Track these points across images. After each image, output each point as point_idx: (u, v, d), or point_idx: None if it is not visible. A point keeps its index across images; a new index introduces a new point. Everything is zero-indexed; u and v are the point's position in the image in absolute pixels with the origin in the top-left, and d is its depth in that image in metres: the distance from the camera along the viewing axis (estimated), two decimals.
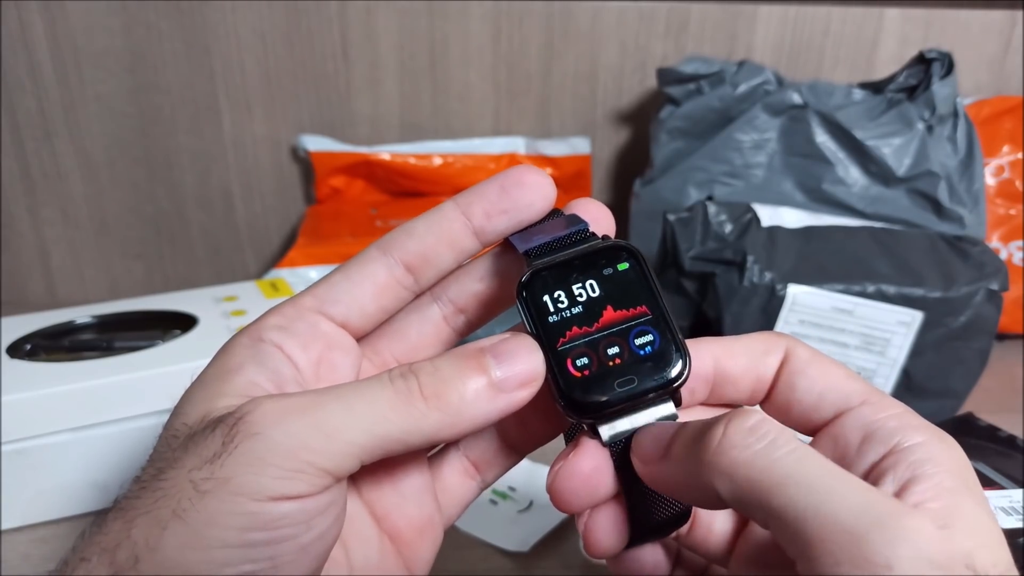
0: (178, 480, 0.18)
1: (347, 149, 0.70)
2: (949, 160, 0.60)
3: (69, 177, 0.70)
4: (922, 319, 0.49)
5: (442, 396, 0.20)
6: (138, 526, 0.18)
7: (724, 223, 0.53)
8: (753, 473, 0.17)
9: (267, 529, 0.18)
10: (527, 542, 0.40)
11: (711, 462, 0.18)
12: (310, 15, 0.67)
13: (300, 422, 0.19)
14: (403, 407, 0.20)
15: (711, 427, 0.19)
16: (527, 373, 0.21)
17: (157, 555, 0.18)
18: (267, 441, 0.18)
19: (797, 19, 0.71)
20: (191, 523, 0.18)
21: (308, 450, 0.19)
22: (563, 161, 0.73)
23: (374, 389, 0.20)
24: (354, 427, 0.19)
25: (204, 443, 0.19)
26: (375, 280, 0.23)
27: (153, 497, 0.19)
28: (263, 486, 0.18)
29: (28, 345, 0.45)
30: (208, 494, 0.18)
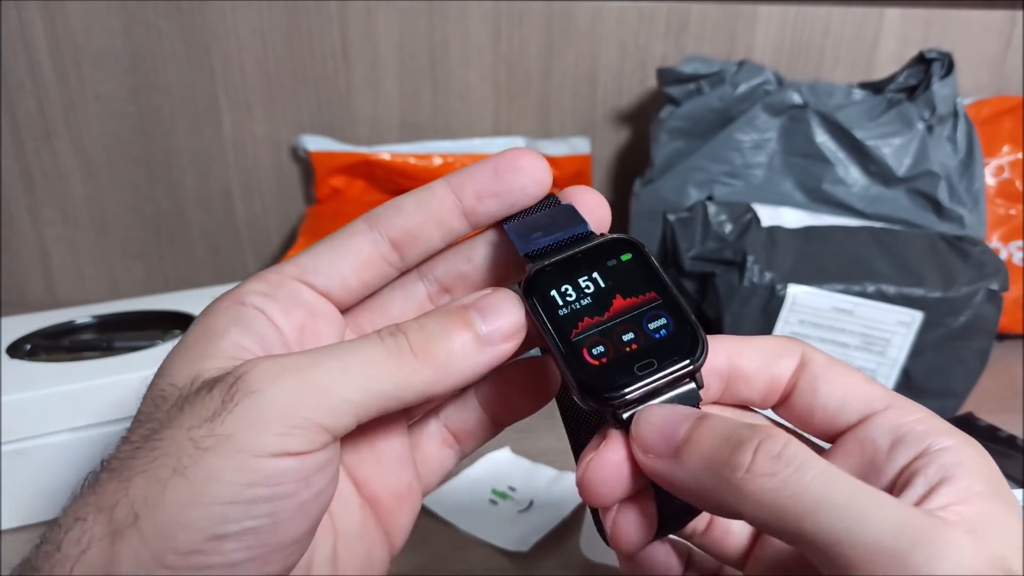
0: (176, 439, 0.19)
1: (347, 149, 0.70)
2: (949, 160, 0.60)
3: (69, 177, 0.70)
4: (922, 319, 0.49)
5: (431, 351, 0.20)
6: (136, 484, 0.18)
7: (724, 223, 0.53)
8: (782, 500, 0.17)
9: (268, 485, 0.18)
10: (527, 542, 0.40)
11: (738, 487, 0.18)
12: (310, 15, 0.67)
13: (297, 380, 0.19)
14: (395, 363, 0.20)
15: (738, 450, 0.18)
16: (510, 326, 0.21)
17: (158, 512, 0.18)
18: (266, 398, 0.19)
19: (797, 19, 0.71)
20: (192, 480, 0.18)
21: (306, 407, 0.19)
22: (563, 161, 0.73)
23: (366, 347, 0.20)
24: (349, 384, 0.20)
25: (202, 403, 0.19)
26: (359, 254, 0.23)
27: (150, 456, 0.19)
28: (264, 442, 0.18)
29: (28, 345, 0.45)
30: (209, 451, 0.18)
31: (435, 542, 0.41)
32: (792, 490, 0.17)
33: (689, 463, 0.19)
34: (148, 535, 0.18)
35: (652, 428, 0.20)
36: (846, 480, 0.17)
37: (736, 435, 0.18)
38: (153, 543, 0.18)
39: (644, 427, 0.20)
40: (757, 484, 0.17)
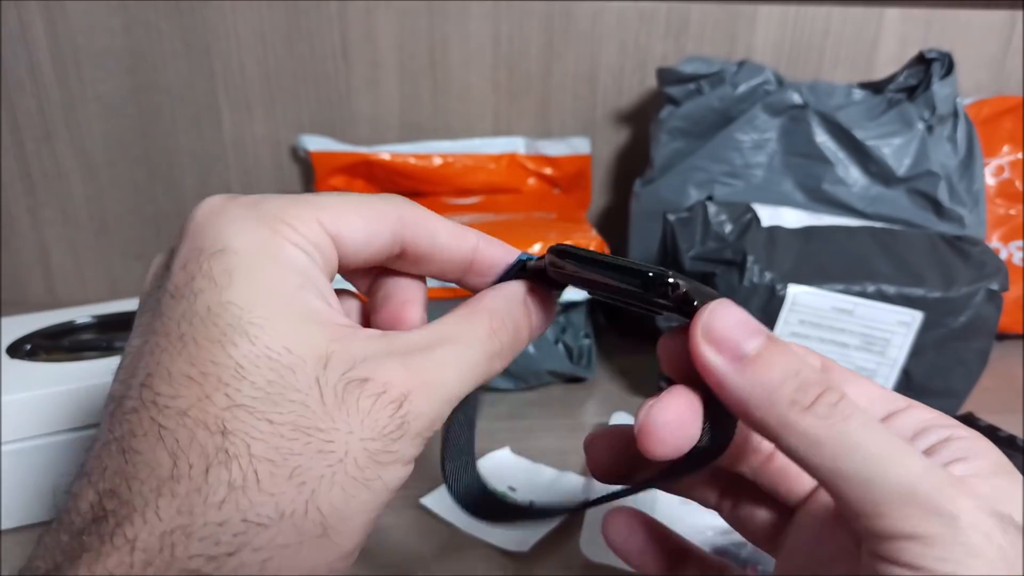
0: (351, 448, 0.19)
1: (347, 149, 0.70)
2: (949, 160, 0.60)
3: (69, 177, 0.70)
4: (922, 319, 0.49)
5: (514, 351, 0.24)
6: (321, 493, 0.18)
7: (724, 223, 0.53)
8: (826, 439, 0.19)
9: (395, 492, 0.20)
10: (527, 542, 0.40)
11: (790, 419, 0.19)
12: (310, 15, 0.67)
13: (441, 397, 0.21)
14: (488, 363, 0.22)
15: (802, 390, 0.19)
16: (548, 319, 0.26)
17: (346, 523, 0.18)
18: (423, 421, 0.20)
19: (797, 19, 0.71)
20: (375, 491, 0.19)
21: (438, 420, 0.21)
22: (563, 161, 0.73)
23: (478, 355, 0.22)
24: (461, 388, 0.22)
25: (370, 412, 0.19)
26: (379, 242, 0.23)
27: (325, 461, 0.18)
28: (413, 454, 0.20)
29: (28, 345, 0.45)
30: (388, 466, 0.19)
31: (435, 542, 0.41)
32: (837, 431, 0.18)
33: (750, 376, 0.19)
34: (332, 546, 0.18)
35: (725, 323, 0.20)
36: (886, 432, 0.19)
37: (804, 376, 0.19)
38: (333, 551, 0.18)
39: (718, 319, 0.20)
40: (808, 422, 0.19)
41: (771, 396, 0.19)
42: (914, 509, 0.17)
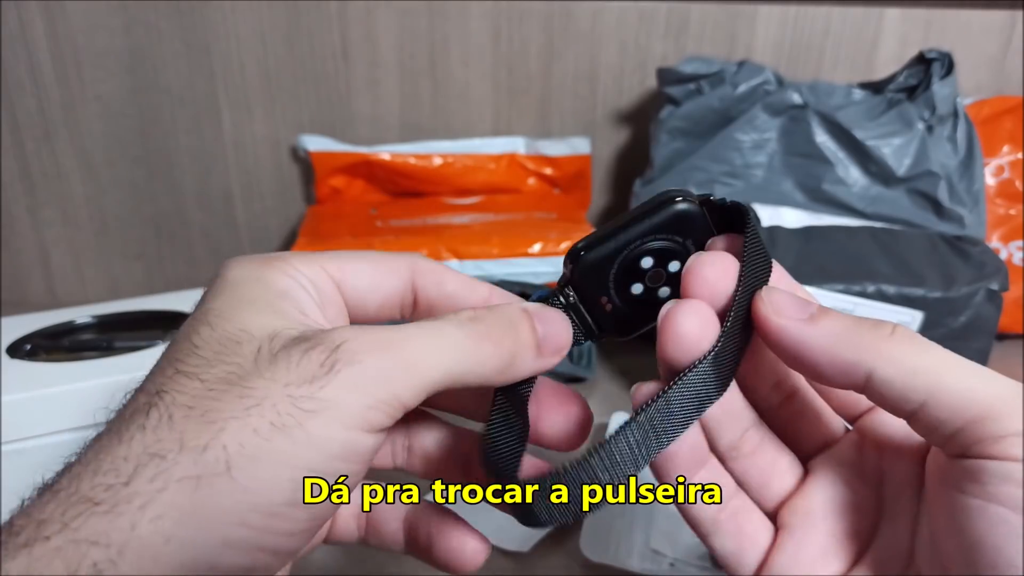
0: (272, 393, 0.19)
1: (347, 149, 0.70)
2: (949, 160, 0.60)
3: (69, 177, 0.70)
4: (922, 319, 0.49)
5: (502, 343, 0.22)
6: (229, 432, 0.18)
7: None
8: (921, 362, 0.20)
9: (347, 460, 0.19)
10: (527, 542, 0.40)
11: (881, 347, 0.20)
12: (310, 15, 0.67)
13: (393, 355, 0.20)
14: (474, 348, 0.21)
15: (879, 323, 0.21)
16: (563, 341, 0.23)
17: (254, 466, 0.18)
18: (367, 371, 0.19)
19: (797, 19, 0.71)
20: (295, 440, 0.18)
21: (396, 382, 0.20)
22: (563, 161, 0.73)
23: (450, 329, 0.21)
24: (435, 363, 0.20)
25: (299, 362, 0.19)
26: (389, 290, 0.24)
27: (241, 404, 0.18)
28: (358, 414, 0.19)
29: (28, 345, 0.45)
30: (312, 414, 0.18)
31: None
32: (927, 355, 0.20)
33: (827, 325, 0.21)
34: (239, 486, 0.17)
35: (787, 296, 0.22)
36: (961, 357, 0.20)
37: (868, 318, 0.21)
38: (241, 496, 0.17)
39: (778, 295, 0.22)
40: (899, 346, 0.20)
41: (854, 335, 0.21)
42: (1019, 408, 0.18)
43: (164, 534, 0.17)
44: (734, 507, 0.23)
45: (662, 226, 0.23)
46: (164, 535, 0.17)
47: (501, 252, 0.61)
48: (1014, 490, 0.18)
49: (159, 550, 0.17)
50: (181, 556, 0.17)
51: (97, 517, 0.17)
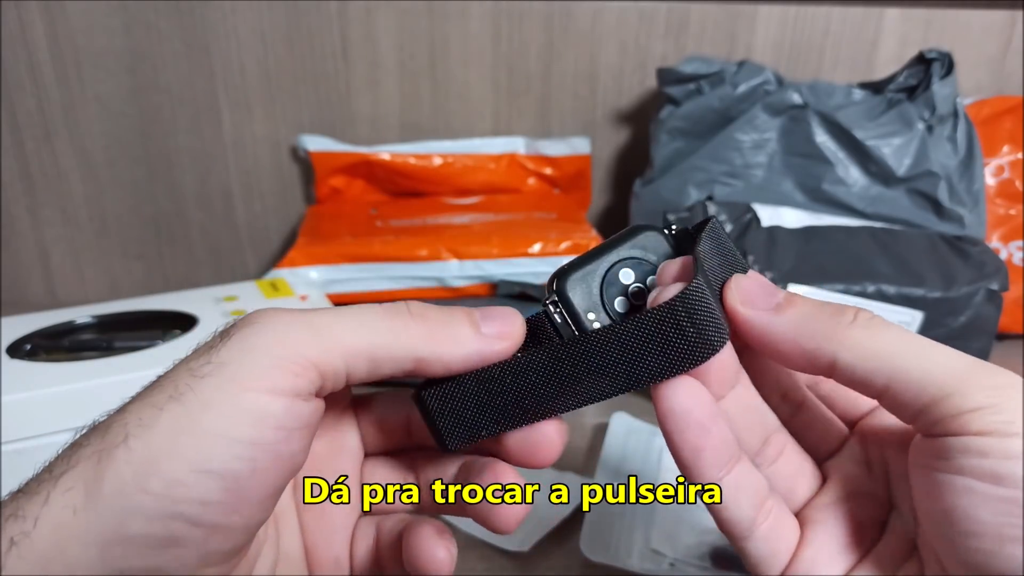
0: (176, 372, 0.19)
1: (347, 149, 0.70)
2: (949, 160, 0.60)
3: (69, 177, 0.70)
4: (922, 319, 0.49)
5: (427, 315, 0.22)
6: (131, 410, 0.19)
7: (724, 223, 0.53)
8: (878, 344, 0.21)
9: (256, 425, 0.19)
10: (527, 542, 0.40)
11: (842, 333, 0.21)
12: (310, 15, 0.67)
13: (293, 319, 0.20)
14: (389, 318, 0.21)
15: (840, 309, 0.22)
16: (506, 327, 0.23)
17: (150, 434, 0.18)
18: (264, 330, 0.20)
19: (797, 19, 0.71)
20: (188, 406, 0.18)
21: (300, 343, 0.20)
22: (563, 161, 0.73)
23: (364, 307, 0.22)
24: (342, 325, 0.20)
25: (204, 344, 0.20)
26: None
27: (149, 390, 0.19)
28: (257, 375, 0.19)
29: (28, 345, 0.45)
30: (206, 378, 0.19)
31: None
32: (884, 339, 0.21)
33: (791, 314, 0.22)
34: (136, 457, 0.18)
35: (754, 285, 0.23)
36: (919, 336, 0.21)
37: (833, 304, 0.22)
38: (139, 466, 0.18)
39: (746, 284, 0.23)
40: (858, 332, 0.21)
41: (817, 320, 0.22)
42: (974, 385, 0.19)
43: (72, 506, 0.17)
44: (768, 509, 0.23)
45: (635, 245, 0.25)
46: (72, 507, 0.17)
47: (501, 252, 0.61)
48: (976, 461, 0.19)
49: (68, 521, 0.17)
50: (88, 525, 0.17)
51: (21, 497, 0.18)
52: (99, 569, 0.17)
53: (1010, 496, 0.18)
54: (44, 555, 0.17)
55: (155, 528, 0.18)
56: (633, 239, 0.25)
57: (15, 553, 0.17)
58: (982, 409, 0.19)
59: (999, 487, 0.18)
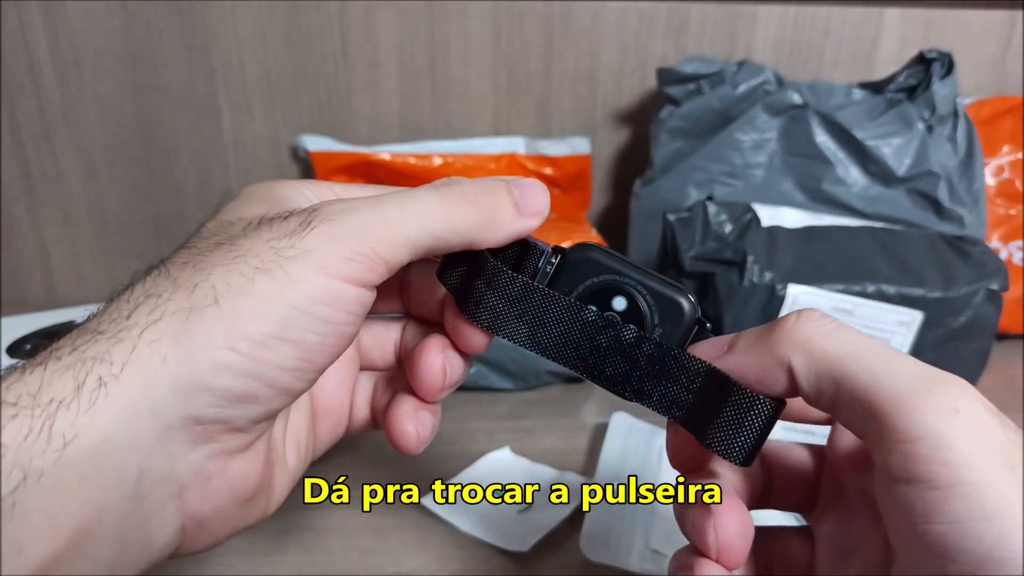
0: (256, 246, 0.21)
1: (347, 149, 0.70)
2: (949, 160, 0.60)
3: (69, 177, 0.70)
4: (922, 319, 0.50)
5: (480, 201, 0.24)
6: (217, 274, 0.20)
7: (724, 223, 0.53)
8: (828, 345, 0.20)
9: (331, 306, 0.21)
10: (527, 542, 0.40)
11: (788, 339, 0.21)
12: (310, 15, 0.67)
13: (366, 213, 0.22)
14: (448, 207, 0.23)
15: (782, 318, 0.22)
16: (540, 204, 0.25)
17: (240, 299, 0.20)
18: (341, 224, 0.21)
19: (797, 19, 0.71)
20: (276, 279, 0.20)
21: (372, 236, 0.22)
22: (563, 161, 0.73)
23: (424, 193, 0.23)
24: (408, 221, 0.22)
25: (280, 224, 0.22)
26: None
27: (229, 255, 0.21)
28: (335, 264, 0.21)
29: (28, 345, 0.45)
30: (293, 260, 0.21)
31: (435, 542, 0.41)
32: (836, 338, 0.20)
33: (740, 344, 0.22)
34: (227, 316, 0.19)
35: (704, 344, 0.24)
36: (875, 340, 0.20)
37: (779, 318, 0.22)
38: (230, 324, 0.20)
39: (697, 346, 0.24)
40: (805, 332, 0.21)
41: (762, 336, 0.22)
42: (920, 404, 0.18)
43: (160, 354, 0.19)
44: None
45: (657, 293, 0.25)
46: (160, 355, 0.19)
47: None
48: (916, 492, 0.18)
49: (156, 367, 0.19)
50: (177, 373, 0.19)
51: (102, 342, 0.19)
52: (179, 412, 0.19)
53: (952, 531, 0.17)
54: (131, 396, 0.19)
55: (237, 384, 0.20)
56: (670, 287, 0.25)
57: (103, 392, 0.18)
58: (922, 440, 0.18)
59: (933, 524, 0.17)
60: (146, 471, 0.19)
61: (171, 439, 0.19)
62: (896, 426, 0.18)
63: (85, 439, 0.18)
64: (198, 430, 0.20)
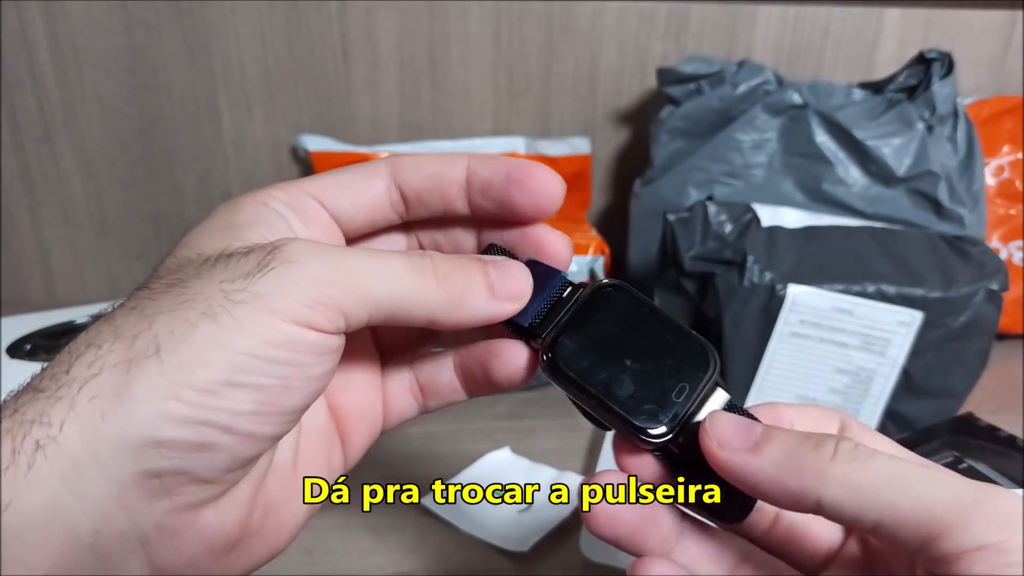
0: (206, 288, 0.20)
1: (347, 149, 0.70)
2: (949, 160, 0.60)
3: (69, 177, 0.70)
4: (922, 319, 0.49)
5: (450, 279, 0.22)
6: (161, 322, 0.19)
7: (724, 223, 0.53)
8: (865, 479, 0.19)
9: (288, 350, 0.20)
10: (527, 542, 0.40)
11: (824, 471, 0.20)
12: (310, 15, 0.67)
13: (331, 261, 0.21)
14: (417, 278, 0.22)
15: (820, 442, 0.20)
16: (519, 289, 0.24)
17: (183, 347, 0.19)
18: (301, 269, 0.20)
19: (797, 19, 0.71)
20: (222, 325, 0.19)
21: (334, 287, 0.20)
22: (563, 161, 0.73)
23: (395, 257, 0.22)
24: (372, 277, 0.21)
25: (238, 263, 0.20)
26: (375, 194, 0.25)
27: (177, 300, 0.20)
28: (292, 309, 0.20)
29: (28, 345, 0.45)
30: (241, 304, 0.19)
31: (435, 542, 0.41)
32: (872, 471, 0.19)
33: (770, 453, 0.21)
34: (168, 366, 0.19)
35: (728, 425, 0.22)
36: (908, 462, 0.20)
37: (814, 435, 0.21)
38: (172, 374, 0.19)
39: (721, 425, 0.22)
40: (840, 468, 0.20)
41: (796, 457, 0.20)
42: (975, 520, 0.18)
43: (100, 411, 0.18)
44: None
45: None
46: (100, 412, 0.18)
47: None
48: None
49: (96, 425, 0.18)
50: (119, 429, 0.18)
51: (41, 401, 0.18)
52: (130, 468, 0.18)
53: None
54: (73, 456, 0.18)
55: (188, 433, 0.19)
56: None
57: (41, 455, 0.17)
58: (986, 548, 0.17)
59: None
60: (101, 530, 0.18)
61: (126, 496, 0.18)
62: (955, 542, 0.18)
63: (22, 504, 0.17)
64: (155, 484, 0.19)
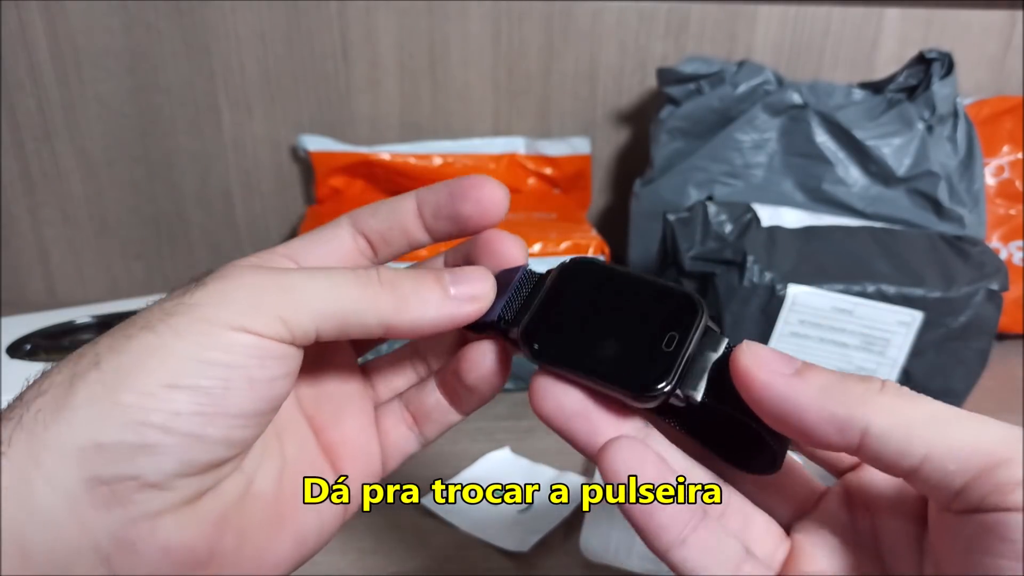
0: (148, 312, 0.21)
1: (347, 149, 0.70)
2: (949, 160, 0.60)
3: (69, 177, 0.70)
4: (922, 319, 0.49)
5: (395, 283, 0.22)
6: (103, 341, 0.20)
7: (724, 223, 0.53)
8: (919, 413, 0.19)
9: (224, 351, 0.20)
10: (527, 542, 0.40)
11: (875, 400, 0.19)
12: (310, 15, 0.67)
13: (265, 276, 0.21)
14: (360, 286, 0.22)
15: (866, 377, 0.20)
16: (478, 288, 0.23)
17: (120, 356, 0.19)
18: (234, 282, 0.21)
19: (797, 19, 0.71)
20: (158, 333, 0.20)
21: (268, 293, 0.21)
22: (563, 161, 0.73)
23: (336, 270, 0.22)
24: (313, 289, 0.21)
25: (179, 289, 0.21)
26: (341, 245, 0.25)
27: (121, 325, 0.21)
28: (225, 317, 0.20)
29: (28, 345, 0.45)
30: (177, 315, 0.20)
31: (435, 542, 0.41)
32: (921, 407, 0.19)
33: (815, 379, 0.20)
34: (107, 374, 0.19)
35: (767, 351, 0.21)
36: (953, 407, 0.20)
37: (854, 374, 0.21)
38: (110, 380, 0.19)
39: (758, 349, 0.21)
40: (890, 399, 0.19)
41: (843, 388, 0.20)
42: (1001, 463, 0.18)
43: (42, 422, 0.19)
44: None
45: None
46: (42, 423, 0.19)
47: None
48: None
49: (39, 435, 0.19)
50: (60, 436, 0.19)
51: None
52: (76, 476, 0.19)
53: None
54: (20, 469, 0.18)
55: (128, 435, 0.19)
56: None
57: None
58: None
59: None
60: (55, 547, 0.18)
61: (78, 508, 0.18)
62: (1012, 471, 0.18)
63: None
64: (105, 492, 0.19)
